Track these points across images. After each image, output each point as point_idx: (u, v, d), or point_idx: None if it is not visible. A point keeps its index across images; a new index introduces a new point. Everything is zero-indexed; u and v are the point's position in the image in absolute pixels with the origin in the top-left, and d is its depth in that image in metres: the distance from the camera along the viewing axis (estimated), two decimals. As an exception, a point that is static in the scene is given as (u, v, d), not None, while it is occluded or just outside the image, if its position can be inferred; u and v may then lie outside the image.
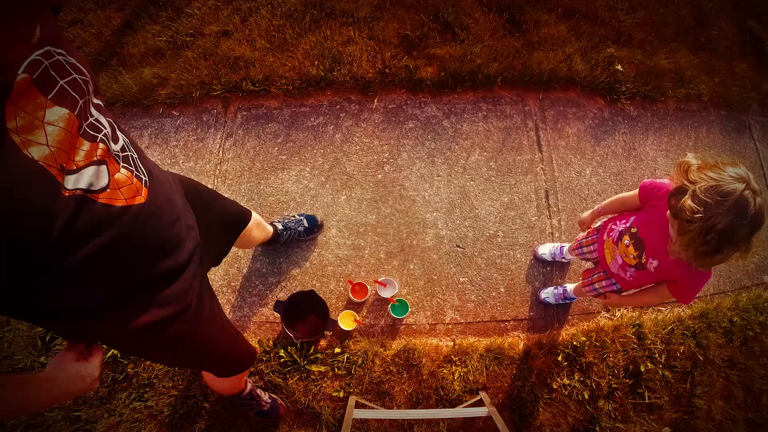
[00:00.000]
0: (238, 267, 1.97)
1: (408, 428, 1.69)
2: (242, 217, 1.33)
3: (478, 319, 1.89)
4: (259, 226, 1.53)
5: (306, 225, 1.89)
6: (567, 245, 1.81)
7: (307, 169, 2.12)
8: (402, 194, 2.07)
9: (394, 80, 2.21)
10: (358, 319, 1.80)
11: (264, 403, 1.62)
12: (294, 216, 1.92)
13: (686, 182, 0.93)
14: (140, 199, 0.70)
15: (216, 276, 1.97)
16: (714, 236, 0.87)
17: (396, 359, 1.77)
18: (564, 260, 1.93)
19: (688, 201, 0.89)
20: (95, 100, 0.65)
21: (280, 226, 1.82)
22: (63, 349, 0.77)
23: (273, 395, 1.71)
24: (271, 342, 1.81)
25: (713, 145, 2.31)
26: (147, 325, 0.76)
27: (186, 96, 2.24)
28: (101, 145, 0.63)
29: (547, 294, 1.88)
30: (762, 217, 0.88)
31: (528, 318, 1.91)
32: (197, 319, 0.89)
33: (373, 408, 1.65)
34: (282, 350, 1.77)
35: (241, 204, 1.38)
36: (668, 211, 0.98)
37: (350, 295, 1.84)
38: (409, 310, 1.83)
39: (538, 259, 1.97)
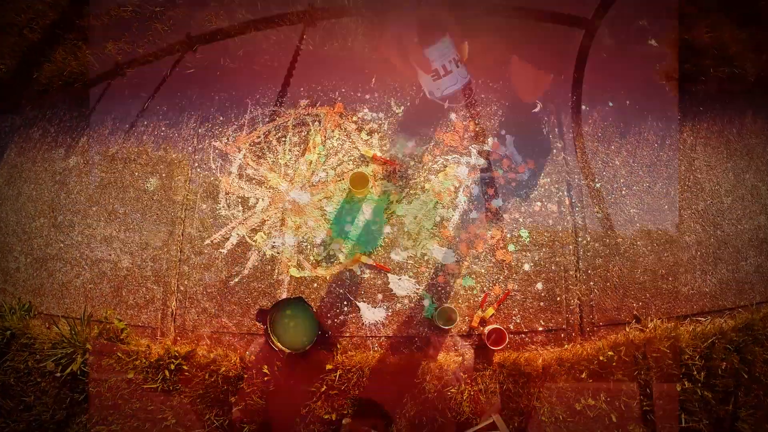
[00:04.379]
0: (214, 270, 1.91)
1: (410, 456, 1.64)
2: None
3: (491, 331, 1.83)
4: None
5: None
6: None
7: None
8: (401, 186, 2.00)
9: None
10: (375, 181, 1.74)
11: None
12: None
13: None
14: None
15: (190, 282, 1.90)
16: None
17: (397, 377, 1.71)
18: None
19: None
20: None
21: None
22: None
23: None
24: (253, 357, 1.76)
25: (760, 132, 2.23)
26: None
27: (155, 74, 2.16)
28: None
29: None
30: None
31: (547, 329, 1.85)
32: None
33: (369, 433, 1.60)
34: (266, 366, 1.72)
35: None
36: None
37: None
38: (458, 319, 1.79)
39: None
